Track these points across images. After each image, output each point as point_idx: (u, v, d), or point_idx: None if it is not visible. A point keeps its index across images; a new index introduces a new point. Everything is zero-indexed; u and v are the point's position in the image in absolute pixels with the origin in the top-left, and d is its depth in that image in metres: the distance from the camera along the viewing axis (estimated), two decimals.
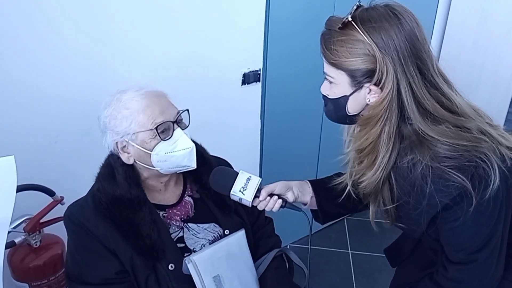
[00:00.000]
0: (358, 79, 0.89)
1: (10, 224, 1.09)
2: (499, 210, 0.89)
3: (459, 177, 0.83)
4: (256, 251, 1.24)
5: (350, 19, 0.86)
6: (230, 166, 1.28)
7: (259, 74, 1.98)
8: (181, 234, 1.12)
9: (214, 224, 1.17)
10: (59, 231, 1.25)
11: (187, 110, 1.10)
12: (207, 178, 1.10)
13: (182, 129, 1.07)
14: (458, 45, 2.67)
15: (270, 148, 2.19)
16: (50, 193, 1.30)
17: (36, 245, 1.27)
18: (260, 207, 1.07)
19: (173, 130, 1.06)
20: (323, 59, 0.92)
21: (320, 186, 1.16)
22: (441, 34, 2.76)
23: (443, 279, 0.99)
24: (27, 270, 1.26)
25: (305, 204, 1.16)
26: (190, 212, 1.16)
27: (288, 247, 2.50)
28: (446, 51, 2.74)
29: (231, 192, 1.05)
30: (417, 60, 0.86)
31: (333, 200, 1.12)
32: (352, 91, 0.91)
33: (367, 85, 0.89)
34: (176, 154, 1.05)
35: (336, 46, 0.88)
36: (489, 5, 2.51)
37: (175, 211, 1.15)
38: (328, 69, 0.92)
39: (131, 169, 1.10)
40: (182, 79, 1.70)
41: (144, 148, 1.05)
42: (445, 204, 0.87)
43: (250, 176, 1.06)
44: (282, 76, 2.06)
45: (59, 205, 1.31)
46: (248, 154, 2.14)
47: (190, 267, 1.04)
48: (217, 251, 1.10)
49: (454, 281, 0.97)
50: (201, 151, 1.19)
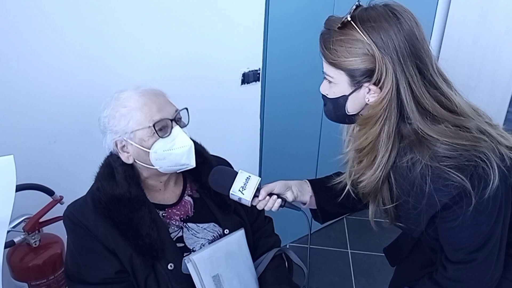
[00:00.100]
0: (357, 79, 0.89)
1: (10, 224, 1.09)
2: (498, 210, 0.89)
3: (459, 176, 0.83)
4: (256, 251, 1.24)
5: (349, 18, 0.86)
6: (230, 165, 1.28)
7: (259, 73, 1.98)
8: (180, 234, 1.12)
9: (213, 223, 1.17)
10: (59, 230, 1.25)
11: (186, 108, 1.10)
12: (207, 178, 1.10)
13: (181, 127, 1.07)
14: (458, 44, 2.68)
15: (270, 147, 2.19)
16: (50, 192, 1.30)
17: (35, 244, 1.27)
18: (260, 206, 1.07)
19: (171, 128, 1.05)
20: (323, 58, 0.92)
21: (320, 186, 1.16)
22: (441, 33, 2.76)
23: (442, 278, 0.99)
24: (27, 270, 1.26)
25: (304, 204, 1.16)
26: (189, 212, 1.16)
27: (287, 246, 2.50)
28: (445, 50, 2.74)
29: (231, 192, 1.05)
30: (417, 59, 0.85)
31: (332, 200, 1.12)
32: (351, 90, 0.91)
33: (366, 84, 0.89)
34: (175, 152, 1.05)
35: (335, 46, 0.88)
36: (488, 5, 2.51)
37: (174, 210, 1.14)
38: (327, 68, 0.92)
39: (131, 168, 1.10)
40: (182, 78, 1.69)
41: (142, 146, 1.04)
42: (445, 203, 0.87)
43: (250, 176, 1.06)
44: (281, 75, 2.06)
45: (58, 204, 1.31)
46: (248, 153, 2.13)
47: (190, 266, 1.04)
48: (217, 251, 1.10)
49: (453, 280, 0.97)
50: (200, 151, 1.19)
